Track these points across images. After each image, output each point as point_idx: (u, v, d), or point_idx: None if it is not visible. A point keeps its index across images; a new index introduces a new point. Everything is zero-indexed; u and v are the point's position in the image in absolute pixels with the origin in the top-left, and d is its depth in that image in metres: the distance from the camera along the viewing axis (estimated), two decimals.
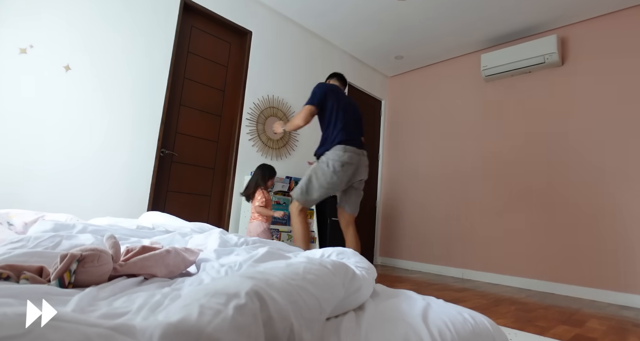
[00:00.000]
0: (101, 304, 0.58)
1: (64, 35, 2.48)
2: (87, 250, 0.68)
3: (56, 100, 2.44)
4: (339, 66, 4.50)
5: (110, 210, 2.62)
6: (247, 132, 3.53)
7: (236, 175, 3.42)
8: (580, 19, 3.62)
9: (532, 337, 1.76)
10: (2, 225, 1.44)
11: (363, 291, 0.74)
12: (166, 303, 0.57)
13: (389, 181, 4.96)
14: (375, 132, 5.11)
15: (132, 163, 2.76)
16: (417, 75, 4.95)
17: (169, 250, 0.83)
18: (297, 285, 0.55)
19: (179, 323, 0.39)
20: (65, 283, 0.65)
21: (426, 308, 0.74)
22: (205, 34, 3.37)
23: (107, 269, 0.72)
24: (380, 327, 0.63)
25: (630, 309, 2.84)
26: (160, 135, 2.91)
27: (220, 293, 0.45)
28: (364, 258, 1.00)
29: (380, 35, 4.18)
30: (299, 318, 0.49)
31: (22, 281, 0.64)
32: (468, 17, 3.73)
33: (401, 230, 4.68)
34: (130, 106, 2.78)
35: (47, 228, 1.14)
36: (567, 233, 3.40)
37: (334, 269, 0.67)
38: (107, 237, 0.81)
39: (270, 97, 3.75)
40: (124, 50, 2.75)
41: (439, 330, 0.64)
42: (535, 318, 2.22)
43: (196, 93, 3.28)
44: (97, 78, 2.62)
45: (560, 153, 3.57)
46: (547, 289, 3.42)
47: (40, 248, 0.87)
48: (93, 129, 2.59)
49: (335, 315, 0.65)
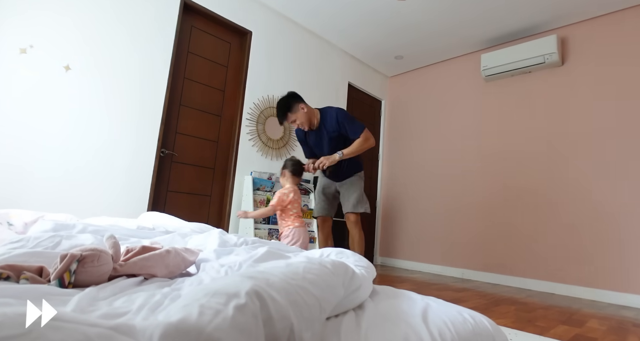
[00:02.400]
0: (101, 304, 0.58)
1: (64, 35, 2.48)
2: (87, 250, 0.68)
3: (56, 100, 2.44)
4: (339, 66, 4.51)
5: (110, 210, 2.62)
6: (247, 132, 3.53)
7: (236, 175, 3.42)
8: (580, 19, 3.62)
9: (532, 337, 1.76)
10: (2, 225, 1.44)
11: (363, 290, 0.74)
12: (166, 303, 0.57)
13: (389, 181, 4.96)
14: (375, 132, 5.11)
15: (132, 163, 2.76)
16: (417, 75, 4.95)
17: (169, 250, 0.83)
18: (297, 284, 0.55)
19: (179, 323, 0.39)
20: (65, 283, 0.65)
21: (426, 308, 0.74)
22: (205, 34, 3.37)
23: (107, 269, 0.72)
24: (380, 327, 0.63)
25: (630, 309, 2.84)
26: (160, 135, 2.91)
27: (220, 293, 0.45)
28: (362, 257, 1.00)
29: (380, 35, 4.18)
30: (299, 317, 0.49)
31: (22, 281, 0.64)
32: (468, 17, 3.73)
33: (401, 230, 4.68)
34: (130, 106, 2.78)
35: (47, 228, 1.14)
36: (567, 233, 3.40)
37: (334, 269, 0.67)
38: (107, 236, 0.80)
39: (270, 97, 3.75)
40: (124, 50, 2.75)
41: (439, 330, 0.64)
42: (535, 318, 2.22)
43: (196, 93, 3.28)
44: (97, 78, 2.62)
45: (560, 153, 3.57)
46: (547, 289, 3.42)
47: (40, 248, 0.87)
48: (93, 129, 2.59)
49: (335, 315, 0.65)
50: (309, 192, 3.81)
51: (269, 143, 3.71)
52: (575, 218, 3.38)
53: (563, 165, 3.54)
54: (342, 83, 4.56)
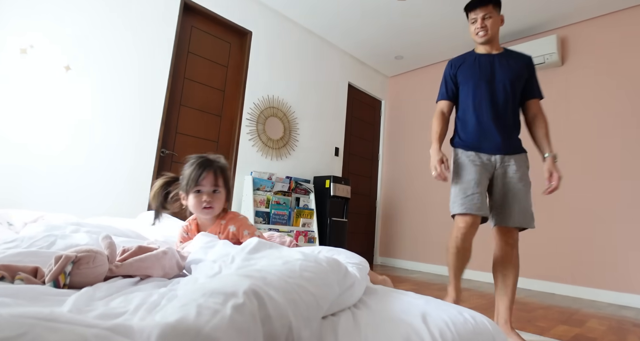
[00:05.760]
0: (98, 304, 0.58)
1: (64, 35, 2.48)
2: (82, 252, 0.68)
3: (56, 100, 2.44)
4: (339, 66, 4.50)
5: (110, 210, 2.61)
6: (247, 132, 3.53)
7: (236, 175, 3.42)
8: (580, 19, 3.62)
9: (532, 337, 1.76)
10: (2, 225, 1.44)
11: (356, 288, 0.74)
12: (163, 303, 0.57)
13: (389, 181, 4.96)
14: (375, 132, 5.11)
15: (132, 163, 2.76)
16: (417, 75, 4.95)
17: (166, 251, 0.82)
18: (295, 283, 0.54)
19: (177, 323, 0.39)
20: (60, 285, 0.65)
21: (426, 308, 0.74)
22: (205, 34, 3.37)
23: (103, 270, 0.71)
24: (380, 327, 0.62)
25: (630, 309, 2.83)
26: (160, 135, 2.91)
27: (217, 293, 0.45)
28: (354, 253, 0.98)
29: (380, 35, 4.18)
30: (297, 316, 0.49)
31: (17, 281, 0.63)
32: None
33: (401, 230, 4.68)
34: (131, 106, 2.77)
35: (39, 229, 1.12)
36: (567, 233, 3.40)
37: (330, 266, 0.67)
38: (103, 237, 0.80)
39: (270, 97, 3.75)
40: (124, 50, 2.75)
41: (439, 330, 0.64)
42: (535, 318, 2.22)
43: (196, 93, 3.28)
44: (97, 78, 2.62)
45: (559, 152, 3.56)
46: (547, 289, 3.41)
47: (34, 248, 0.86)
48: (93, 129, 2.59)
49: (331, 313, 0.64)
50: (309, 192, 3.81)
51: (269, 143, 3.71)
52: (575, 217, 3.37)
53: (561, 164, 3.53)
54: (342, 83, 4.55)
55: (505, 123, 1.83)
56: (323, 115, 4.28)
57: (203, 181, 1.17)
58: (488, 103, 1.80)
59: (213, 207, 1.19)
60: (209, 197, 1.17)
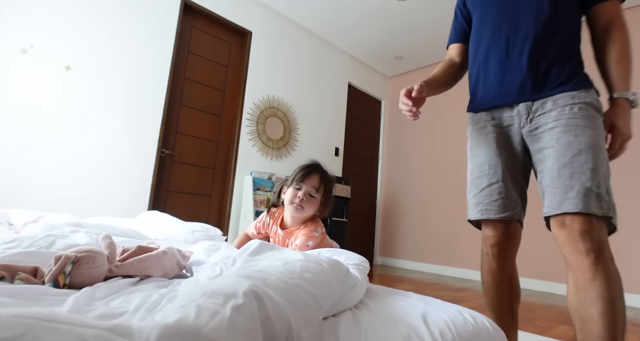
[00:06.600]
0: (98, 304, 0.57)
1: (64, 35, 2.48)
2: (81, 252, 0.68)
3: (56, 100, 2.44)
4: (339, 66, 4.50)
5: (111, 210, 2.61)
6: (247, 132, 3.53)
7: (236, 175, 3.42)
8: None
9: (532, 337, 1.76)
10: (2, 225, 1.44)
11: (358, 289, 0.74)
12: (163, 303, 0.57)
13: (389, 181, 4.96)
14: (375, 132, 5.11)
15: (132, 163, 2.76)
16: (417, 76, 4.95)
17: (166, 251, 0.82)
18: (295, 283, 0.54)
19: (177, 324, 0.39)
20: (60, 285, 0.65)
21: (426, 308, 0.74)
22: (206, 34, 3.37)
23: (102, 270, 0.71)
24: (380, 327, 0.62)
25: (630, 309, 2.83)
26: (160, 135, 2.91)
27: (217, 294, 0.45)
28: (354, 254, 0.98)
29: (380, 35, 4.18)
30: (297, 317, 0.49)
31: (17, 281, 0.63)
32: None
33: (401, 230, 4.68)
34: (131, 106, 2.77)
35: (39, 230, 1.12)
36: None
37: (330, 267, 0.67)
38: (103, 237, 0.80)
39: (270, 97, 3.75)
40: (124, 50, 2.75)
41: (439, 330, 0.64)
42: (535, 318, 2.22)
43: (196, 93, 3.28)
44: (97, 78, 2.62)
45: None
46: (547, 289, 3.41)
47: (34, 247, 0.86)
48: (93, 129, 2.59)
49: (332, 314, 0.64)
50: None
51: (269, 143, 3.71)
52: None
53: None
54: (342, 83, 4.55)
55: (544, 49, 1.12)
56: (323, 115, 4.28)
57: (307, 180, 1.23)
58: (509, 24, 1.12)
59: (304, 207, 1.22)
60: (304, 196, 1.21)
